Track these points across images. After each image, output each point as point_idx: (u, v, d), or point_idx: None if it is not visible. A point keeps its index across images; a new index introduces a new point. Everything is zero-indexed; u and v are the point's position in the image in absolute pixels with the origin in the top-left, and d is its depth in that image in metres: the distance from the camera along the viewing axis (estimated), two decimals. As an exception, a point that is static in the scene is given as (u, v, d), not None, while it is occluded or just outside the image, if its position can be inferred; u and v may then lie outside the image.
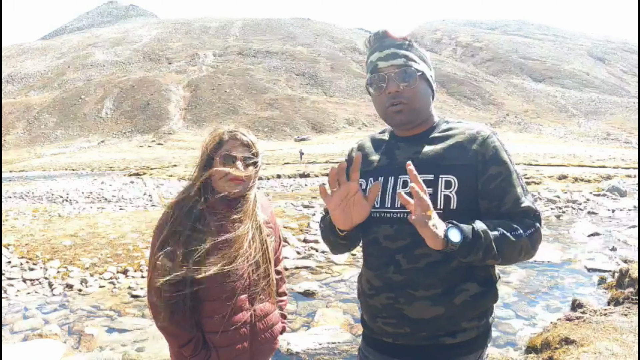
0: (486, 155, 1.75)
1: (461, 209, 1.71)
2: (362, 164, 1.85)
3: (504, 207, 1.72)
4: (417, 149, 1.84)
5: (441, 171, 1.75)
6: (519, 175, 1.77)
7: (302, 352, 4.82)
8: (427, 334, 1.76)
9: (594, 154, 57.45)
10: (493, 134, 1.83)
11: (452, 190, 1.72)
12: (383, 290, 1.83)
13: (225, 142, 2.17)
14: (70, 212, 15.68)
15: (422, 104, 1.85)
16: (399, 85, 1.79)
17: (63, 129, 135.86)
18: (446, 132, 1.87)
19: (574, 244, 10.04)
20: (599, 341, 4.05)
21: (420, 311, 1.75)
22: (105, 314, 6.25)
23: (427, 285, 1.73)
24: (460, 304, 1.74)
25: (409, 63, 1.79)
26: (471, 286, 1.76)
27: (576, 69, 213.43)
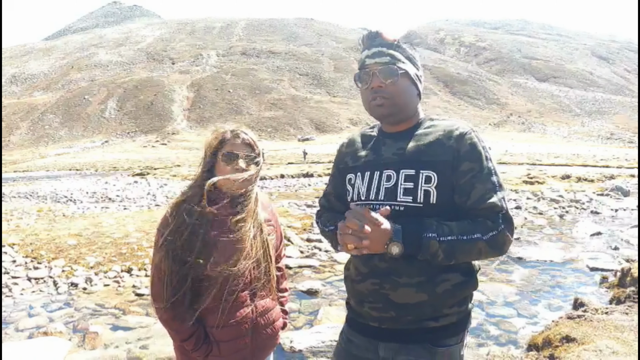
0: (460, 151, 1.84)
1: (440, 203, 1.81)
2: (351, 158, 2.12)
3: (469, 202, 1.81)
4: (401, 145, 1.95)
5: (422, 167, 1.85)
6: (492, 172, 1.85)
7: (305, 350, 4.85)
8: (411, 318, 1.86)
9: (598, 154, 57.33)
10: (472, 130, 1.90)
11: (431, 185, 1.82)
12: (369, 276, 1.93)
13: (228, 140, 2.22)
14: (75, 211, 15.74)
15: (405, 100, 1.94)
16: (382, 81, 1.89)
17: (67, 129, 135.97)
18: (428, 129, 1.96)
19: (576, 243, 10.05)
20: (600, 339, 4.08)
21: (405, 296, 1.85)
22: (110, 312, 6.29)
23: (410, 273, 1.83)
24: (442, 293, 1.84)
25: (394, 61, 1.90)
26: (453, 276, 1.85)
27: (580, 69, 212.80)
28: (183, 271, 2.08)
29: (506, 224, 1.77)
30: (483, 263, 8.29)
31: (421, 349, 1.88)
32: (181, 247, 2.08)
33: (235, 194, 2.22)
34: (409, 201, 1.84)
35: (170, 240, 2.09)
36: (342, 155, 2.21)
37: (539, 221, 12.67)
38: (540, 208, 15.00)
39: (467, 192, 1.81)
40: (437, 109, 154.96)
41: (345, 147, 2.23)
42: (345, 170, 2.14)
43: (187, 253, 2.08)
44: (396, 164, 1.92)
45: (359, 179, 2.02)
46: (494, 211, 1.77)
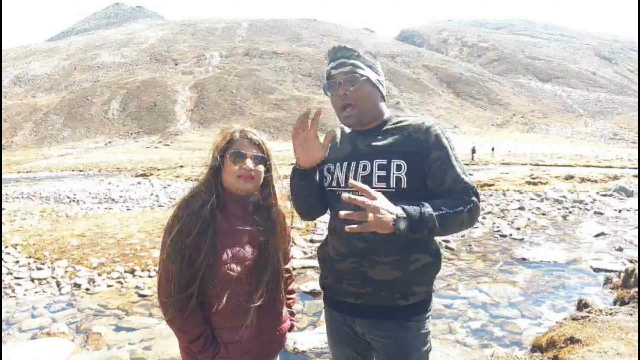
0: (429, 142, 2.13)
1: (411, 188, 2.09)
2: (331, 150, 2.39)
3: (445, 185, 2.10)
4: (373, 140, 2.23)
5: (392, 156, 2.13)
6: (456, 158, 2.15)
7: (309, 351, 4.85)
8: (385, 294, 2.14)
9: (601, 154, 57.23)
10: (435, 124, 2.20)
11: (402, 172, 2.10)
12: (349, 255, 2.20)
13: (236, 140, 2.24)
14: (78, 212, 15.75)
15: (369, 104, 2.25)
16: (347, 88, 2.20)
17: (70, 130, 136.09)
18: (397, 124, 2.24)
19: (580, 244, 10.02)
20: (604, 340, 4.07)
21: (381, 273, 2.13)
22: (113, 313, 6.29)
23: (387, 252, 2.11)
24: (414, 271, 2.13)
25: (355, 70, 2.20)
26: (423, 257, 2.16)
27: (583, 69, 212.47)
28: (190, 271, 2.07)
29: (477, 197, 2.12)
30: (485, 264, 8.30)
31: (394, 324, 2.16)
32: (188, 247, 2.07)
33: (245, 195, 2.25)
34: (383, 187, 2.10)
35: (178, 240, 2.08)
36: None
37: (542, 222, 12.65)
38: (543, 209, 14.97)
39: (441, 177, 2.10)
40: (440, 110, 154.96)
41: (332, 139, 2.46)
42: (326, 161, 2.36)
43: (195, 253, 2.07)
44: (370, 155, 2.20)
45: (337, 168, 2.29)
46: (467, 189, 2.10)
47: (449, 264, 8.46)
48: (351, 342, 2.35)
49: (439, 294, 6.79)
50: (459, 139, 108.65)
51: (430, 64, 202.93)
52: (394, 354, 2.18)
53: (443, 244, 9.61)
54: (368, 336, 2.25)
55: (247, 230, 2.24)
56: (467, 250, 9.48)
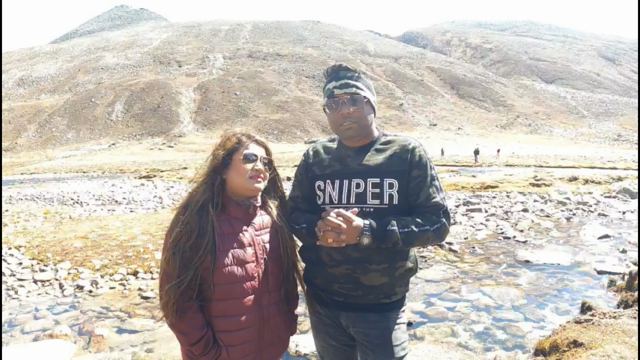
0: (412, 161, 2.37)
1: (401, 203, 2.35)
2: (318, 167, 2.55)
3: (418, 201, 2.35)
4: (364, 158, 2.43)
5: (385, 175, 2.36)
6: (434, 178, 2.40)
7: (311, 354, 4.84)
8: (373, 296, 2.39)
9: (605, 156, 57.15)
10: (419, 145, 2.44)
11: (394, 190, 2.34)
12: (343, 263, 2.37)
13: (244, 142, 2.28)
14: (81, 214, 15.76)
15: (367, 122, 2.44)
16: (350, 108, 2.37)
17: (74, 132, 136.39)
18: (386, 144, 2.47)
19: (584, 246, 9.98)
20: (608, 344, 4.04)
21: (372, 279, 2.36)
22: (116, 315, 6.29)
23: (379, 261, 2.34)
24: (398, 276, 2.40)
25: (358, 92, 2.38)
26: (406, 263, 2.43)
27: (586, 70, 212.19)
28: (191, 273, 2.06)
29: (446, 218, 2.37)
30: (488, 266, 8.27)
31: (377, 315, 2.41)
32: (189, 250, 2.07)
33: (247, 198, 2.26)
34: (377, 203, 2.34)
35: (178, 242, 2.09)
36: (309, 165, 2.62)
37: (546, 224, 12.60)
38: (547, 210, 14.93)
39: (417, 193, 2.35)
40: (444, 111, 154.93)
41: (311, 157, 2.64)
42: (313, 177, 2.55)
43: (195, 255, 2.07)
44: (362, 173, 2.39)
45: (329, 186, 2.46)
46: (437, 208, 2.35)
47: (452, 266, 8.44)
48: (335, 334, 2.55)
49: (442, 297, 6.78)
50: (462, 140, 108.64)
51: (433, 66, 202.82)
52: (379, 343, 2.39)
53: (446, 246, 9.60)
54: (352, 329, 2.46)
55: (248, 232, 2.24)
56: (471, 252, 9.45)
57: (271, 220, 2.38)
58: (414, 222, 2.27)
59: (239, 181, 2.21)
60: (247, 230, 2.25)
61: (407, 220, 2.27)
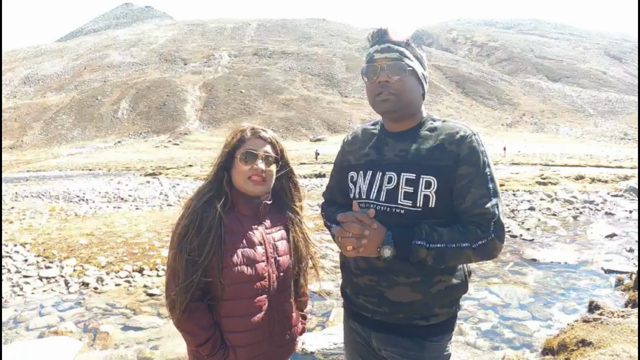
0: (460, 155, 1.87)
1: (439, 207, 1.87)
2: (353, 156, 2.17)
3: (463, 206, 1.86)
4: (403, 147, 1.98)
5: (422, 171, 1.89)
6: (489, 178, 1.87)
7: (317, 352, 4.81)
8: (403, 315, 1.95)
9: (611, 154, 56.91)
10: (473, 134, 1.92)
11: (431, 189, 1.86)
12: (367, 272, 2.00)
13: (247, 139, 2.15)
14: (87, 211, 15.79)
15: (410, 98, 1.96)
16: (389, 76, 1.92)
17: (80, 130, 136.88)
18: (431, 131, 1.98)
19: (591, 245, 9.94)
20: (616, 343, 4.01)
21: (400, 295, 1.93)
22: (121, 312, 6.28)
23: (408, 273, 1.89)
24: (436, 293, 1.92)
25: (402, 58, 1.92)
26: (447, 278, 1.93)
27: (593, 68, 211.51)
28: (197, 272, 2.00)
29: (497, 232, 1.81)
30: (495, 265, 8.23)
31: (410, 342, 1.98)
32: (196, 248, 2.01)
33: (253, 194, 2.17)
34: (409, 205, 1.88)
35: (185, 241, 2.03)
36: (345, 153, 2.24)
37: (552, 222, 12.56)
38: (554, 209, 14.88)
39: (463, 196, 1.86)
40: (450, 110, 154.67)
41: (348, 144, 2.26)
42: (348, 167, 2.18)
43: (202, 254, 2.01)
44: (397, 166, 1.95)
45: (360, 177, 2.07)
46: (485, 218, 1.81)
47: (458, 264, 8.40)
48: (366, 354, 2.17)
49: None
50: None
51: (439, 64, 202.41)
52: None
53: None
54: (384, 352, 2.07)
55: (259, 231, 2.17)
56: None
57: (283, 218, 2.30)
58: (450, 235, 1.80)
59: (238, 181, 2.13)
60: (258, 229, 2.16)
61: (441, 233, 1.80)
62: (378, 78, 1.94)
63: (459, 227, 1.82)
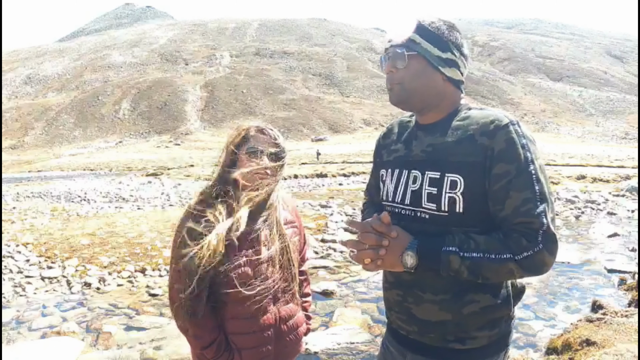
0: (495, 150, 1.56)
1: (469, 213, 1.60)
2: (386, 152, 1.95)
3: (503, 213, 1.55)
4: (431, 141, 1.72)
5: (447, 169, 1.62)
6: (534, 179, 1.55)
7: (321, 352, 4.81)
8: (434, 335, 1.71)
9: (613, 154, 56.83)
10: (511, 123, 1.59)
11: (457, 191, 1.59)
12: (394, 286, 1.82)
13: (252, 137, 2.13)
14: (89, 211, 15.81)
15: (417, 85, 1.70)
16: (392, 65, 1.73)
17: (81, 130, 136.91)
18: (462, 121, 1.70)
19: (593, 244, 9.93)
20: (621, 343, 4.01)
21: (427, 313, 1.70)
22: (123, 312, 6.28)
23: (435, 288, 1.67)
24: (469, 314, 1.65)
25: (406, 44, 1.70)
26: (483, 297, 1.65)
27: (594, 68, 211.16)
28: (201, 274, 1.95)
29: (546, 243, 1.47)
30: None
31: None
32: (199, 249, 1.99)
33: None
34: (433, 209, 1.64)
35: (189, 241, 1.99)
36: (379, 148, 2.03)
37: (554, 222, 12.54)
38: (556, 209, 14.84)
39: (502, 201, 1.55)
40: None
41: (382, 138, 2.04)
42: (380, 164, 1.99)
43: None
44: (422, 163, 1.71)
45: (388, 176, 1.86)
46: (531, 227, 1.49)
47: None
48: None
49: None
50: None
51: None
52: None
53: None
54: None
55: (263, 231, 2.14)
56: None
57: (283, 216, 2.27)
58: (489, 243, 1.51)
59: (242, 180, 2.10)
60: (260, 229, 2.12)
61: (478, 241, 1.52)
62: (385, 69, 1.77)
63: (500, 235, 1.53)
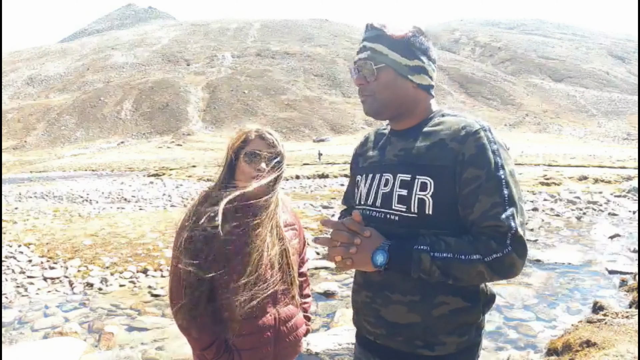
0: (466, 155, 1.58)
1: (438, 215, 1.61)
2: (362, 159, 1.99)
3: (471, 217, 1.57)
4: (404, 146, 1.75)
5: (418, 171, 1.65)
6: (503, 182, 1.55)
7: (322, 353, 4.81)
8: (402, 339, 1.69)
9: (614, 155, 56.82)
10: (483, 129, 1.61)
11: (427, 193, 1.61)
12: (364, 287, 1.83)
13: (251, 140, 2.15)
14: (91, 212, 15.81)
15: (389, 95, 1.73)
16: (362, 78, 1.76)
17: (83, 130, 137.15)
18: (435, 126, 1.72)
19: (594, 245, 9.93)
20: (621, 344, 4.01)
21: (395, 315, 1.69)
22: (125, 313, 6.29)
23: (404, 290, 1.66)
24: (438, 317, 1.64)
25: (373, 56, 1.72)
26: (453, 300, 1.65)
27: (596, 69, 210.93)
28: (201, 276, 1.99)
29: (515, 246, 1.48)
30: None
31: None
32: (199, 251, 2.00)
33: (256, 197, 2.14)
34: (403, 210, 1.65)
35: (188, 244, 2.01)
36: (356, 155, 2.07)
37: (556, 223, 12.55)
38: (557, 209, 14.86)
39: (471, 205, 1.56)
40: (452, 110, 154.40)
41: (359, 147, 2.09)
42: (356, 171, 2.02)
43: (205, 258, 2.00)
44: (394, 167, 1.74)
45: (362, 181, 1.88)
46: (499, 231, 1.49)
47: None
48: None
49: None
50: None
51: (442, 64, 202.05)
52: None
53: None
54: None
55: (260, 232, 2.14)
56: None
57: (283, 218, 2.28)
58: (459, 245, 1.52)
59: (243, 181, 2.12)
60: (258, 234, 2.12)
61: (448, 242, 1.54)
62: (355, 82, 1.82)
63: (469, 237, 1.55)
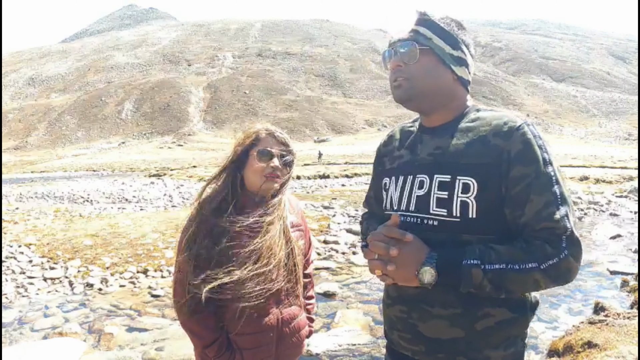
0: (512, 152, 1.46)
1: (482, 218, 1.48)
2: (389, 159, 1.83)
3: (523, 219, 1.43)
4: (439, 144, 1.62)
5: (459, 171, 1.51)
6: (554, 181, 1.43)
7: (323, 354, 4.80)
8: (444, 355, 1.57)
9: (616, 155, 56.73)
10: (526, 124, 1.51)
11: (470, 195, 1.48)
12: (398, 301, 1.68)
13: (263, 138, 2.16)
14: (91, 212, 15.82)
15: (427, 83, 1.61)
16: (400, 59, 1.61)
17: (84, 131, 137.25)
18: (472, 122, 1.61)
19: (596, 246, 9.91)
20: (623, 345, 3.99)
21: (436, 330, 1.56)
22: (126, 313, 6.28)
23: (445, 302, 1.53)
24: (483, 330, 1.51)
25: (416, 38, 1.60)
26: (498, 311, 1.51)
27: (597, 69, 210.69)
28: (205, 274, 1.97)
29: (571, 249, 1.38)
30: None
31: None
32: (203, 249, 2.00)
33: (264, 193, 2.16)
34: (443, 214, 1.51)
35: (192, 242, 2.02)
36: (381, 156, 1.91)
37: (557, 223, 12.51)
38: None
39: (521, 206, 1.43)
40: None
41: (383, 145, 1.93)
42: (382, 173, 1.86)
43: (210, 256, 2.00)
44: (430, 167, 1.60)
45: (392, 184, 1.73)
46: (555, 233, 1.38)
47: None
48: None
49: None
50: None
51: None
52: None
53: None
54: None
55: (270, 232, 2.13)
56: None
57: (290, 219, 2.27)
58: (512, 253, 1.38)
59: (253, 179, 2.12)
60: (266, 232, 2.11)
61: (499, 252, 1.39)
62: (390, 64, 1.65)
63: (521, 243, 1.41)
